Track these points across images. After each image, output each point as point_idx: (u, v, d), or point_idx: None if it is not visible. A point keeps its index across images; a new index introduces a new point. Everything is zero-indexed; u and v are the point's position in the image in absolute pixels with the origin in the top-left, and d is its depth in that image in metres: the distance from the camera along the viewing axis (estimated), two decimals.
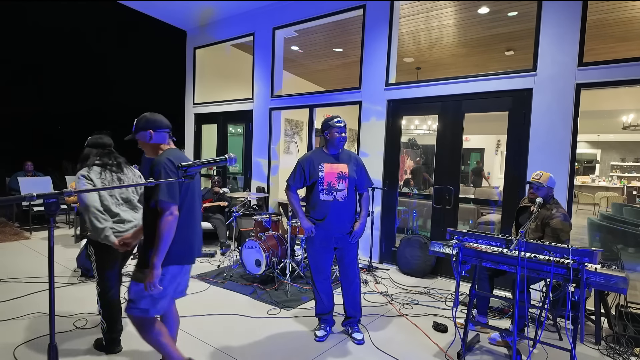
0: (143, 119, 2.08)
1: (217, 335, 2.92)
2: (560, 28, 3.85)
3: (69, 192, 1.22)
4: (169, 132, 2.14)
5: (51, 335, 1.21)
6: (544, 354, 2.76)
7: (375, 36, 5.11)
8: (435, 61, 7.28)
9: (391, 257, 5.06)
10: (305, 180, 2.89)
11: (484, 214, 6.60)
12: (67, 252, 5.06)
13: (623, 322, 3.02)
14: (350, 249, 2.91)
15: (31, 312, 3.17)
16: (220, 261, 4.86)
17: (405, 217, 6.24)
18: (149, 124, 2.06)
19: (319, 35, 6.49)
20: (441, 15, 5.42)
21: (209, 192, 5.91)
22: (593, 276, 2.21)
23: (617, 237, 4.79)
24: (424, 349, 2.83)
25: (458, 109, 4.59)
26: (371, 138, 5.20)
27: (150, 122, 2.07)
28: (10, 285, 3.77)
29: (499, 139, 11.55)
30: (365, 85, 5.23)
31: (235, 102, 6.84)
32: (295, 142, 8.83)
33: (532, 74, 4.01)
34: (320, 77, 9.09)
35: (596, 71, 3.69)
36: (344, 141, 2.88)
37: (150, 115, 2.10)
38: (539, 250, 2.43)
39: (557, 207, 2.97)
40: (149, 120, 2.07)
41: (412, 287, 4.21)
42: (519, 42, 6.07)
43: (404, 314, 3.43)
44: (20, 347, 2.61)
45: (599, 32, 5.38)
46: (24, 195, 1.12)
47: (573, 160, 3.83)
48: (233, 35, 6.77)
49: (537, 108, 3.99)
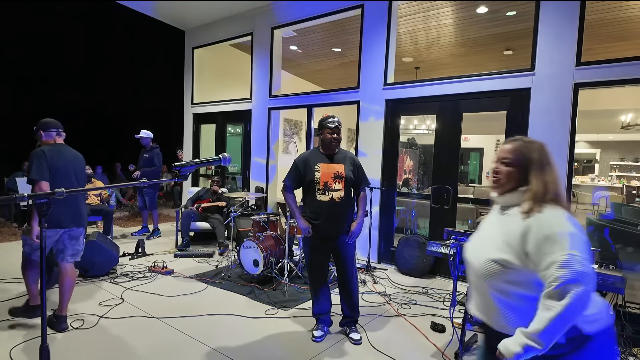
0: (38, 124, 2.96)
1: (215, 336, 2.91)
2: (558, 28, 3.84)
3: (60, 193, 1.21)
4: (57, 131, 3.00)
5: (43, 336, 1.20)
6: None
7: (373, 36, 5.10)
8: (433, 61, 7.28)
9: (389, 257, 5.06)
10: (302, 180, 2.88)
11: (482, 213, 6.59)
12: None
13: (621, 322, 3.01)
14: (348, 248, 2.90)
15: None
16: (218, 261, 4.85)
17: (404, 217, 6.24)
18: (40, 126, 2.96)
19: (318, 35, 6.48)
20: (439, 14, 5.41)
21: (208, 192, 5.90)
22: None
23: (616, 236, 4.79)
24: (421, 349, 2.82)
25: (456, 108, 4.59)
26: (370, 138, 5.19)
27: (41, 125, 2.96)
28: (7, 286, 3.76)
29: (498, 139, 11.54)
30: (364, 85, 5.22)
31: (234, 102, 6.83)
32: (294, 142, 8.82)
33: (530, 73, 4.01)
34: (319, 76, 9.08)
35: (594, 71, 3.69)
36: (336, 142, 2.85)
37: (43, 120, 2.98)
38: None
39: None
40: (40, 123, 2.97)
41: (410, 287, 4.20)
42: (518, 42, 6.07)
43: (402, 314, 3.43)
44: (16, 348, 2.60)
45: (596, 32, 5.38)
46: (15, 195, 1.11)
47: (571, 160, 3.83)
48: (231, 35, 6.77)
49: (535, 108, 3.98)
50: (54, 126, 2.98)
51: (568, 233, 1.14)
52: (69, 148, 3.09)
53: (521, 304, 1.22)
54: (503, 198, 1.35)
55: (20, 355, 2.53)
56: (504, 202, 1.35)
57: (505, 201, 1.34)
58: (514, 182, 1.30)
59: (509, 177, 1.31)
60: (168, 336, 2.89)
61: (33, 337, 2.74)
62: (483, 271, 1.29)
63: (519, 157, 1.30)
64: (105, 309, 3.31)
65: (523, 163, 1.29)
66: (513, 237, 1.23)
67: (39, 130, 2.95)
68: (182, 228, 5.41)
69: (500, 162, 1.34)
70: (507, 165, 1.31)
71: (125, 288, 3.82)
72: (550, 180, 1.25)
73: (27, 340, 2.70)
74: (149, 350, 2.67)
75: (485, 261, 1.28)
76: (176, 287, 3.94)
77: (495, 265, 1.24)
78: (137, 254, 4.96)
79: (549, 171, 1.27)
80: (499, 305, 1.26)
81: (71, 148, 3.12)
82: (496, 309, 1.28)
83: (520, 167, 1.29)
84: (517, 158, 1.30)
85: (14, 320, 3.00)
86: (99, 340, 2.79)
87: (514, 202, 1.30)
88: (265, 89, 6.27)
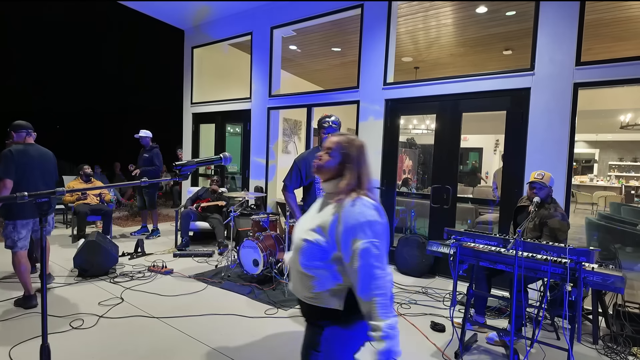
0: (10, 126, 3.32)
1: (214, 335, 2.91)
2: (558, 27, 3.84)
3: (61, 192, 1.21)
4: (27, 132, 3.36)
5: (44, 336, 1.20)
6: (541, 354, 2.76)
7: (373, 35, 5.10)
8: (433, 61, 7.28)
9: (389, 257, 5.04)
10: (302, 180, 2.88)
11: (482, 213, 6.59)
12: (64, 252, 5.04)
13: (620, 322, 3.02)
14: None
15: (27, 313, 3.15)
16: (218, 261, 4.85)
17: (404, 216, 6.23)
18: (11, 128, 3.34)
19: (317, 34, 6.48)
20: (439, 14, 5.41)
21: (207, 191, 5.90)
22: (590, 275, 2.20)
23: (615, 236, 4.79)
24: (421, 349, 2.82)
25: (456, 108, 4.59)
26: (369, 137, 5.19)
27: (12, 127, 3.34)
28: (7, 285, 3.75)
29: (497, 139, 11.55)
30: (364, 85, 5.22)
31: (233, 102, 6.83)
32: (293, 142, 8.81)
33: (529, 73, 4.01)
34: (318, 76, 9.08)
35: (594, 70, 3.69)
36: None
37: (14, 122, 3.34)
38: (536, 250, 2.43)
39: (556, 207, 2.97)
40: (12, 125, 3.34)
41: (410, 286, 4.20)
42: (517, 42, 6.07)
43: (402, 314, 3.42)
44: (16, 348, 2.60)
45: (595, 32, 5.38)
46: (15, 195, 1.11)
47: (571, 160, 3.83)
48: (231, 35, 6.76)
49: (534, 107, 3.98)
50: (24, 127, 3.36)
51: (372, 222, 1.30)
52: (37, 147, 3.43)
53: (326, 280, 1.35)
54: (325, 185, 1.47)
55: (20, 355, 2.52)
56: (326, 189, 1.47)
57: (326, 188, 1.47)
58: (332, 171, 1.43)
59: (329, 166, 1.44)
60: (168, 336, 2.88)
61: (32, 337, 2.74)
62: (298, 249, 1.41)
63: (341, 150, 1.44)
64: (104, 309, 3.30)
65: (343, 156, 1.43)
66: (326, 221, 1.35)
67: (11, 132, 3.35)
68: (182, 228, 5.40)
69: (325, 151, 1.46)
70: (329, 156, 1.44)
71: (125, 288, 3.82)
72: (363, 175, 1.41)
73: (26, 340, 2.70)
74: (149, 350, 2.67)
75: (301, 240, 1.40)
76: (176, 286, 3.93)
77: (307, 244, 1.37)
78: (136, 254, 4.95)
79: (364, 168, 1.44)
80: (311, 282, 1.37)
81: (40, 147, 3.47)
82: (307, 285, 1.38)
83: (339, 159, 1.43)
84: (339, 151, 1.44)
85: (13, 320, 3.00)
86: (99, 339, 2.78)
87: (331, 189, 1.43)
88: (265, 89, 6.26)
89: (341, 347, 1.38)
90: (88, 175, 6.04)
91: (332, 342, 1.36)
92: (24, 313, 3.14)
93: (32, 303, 3.26)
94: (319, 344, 1.36)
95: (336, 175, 1.43)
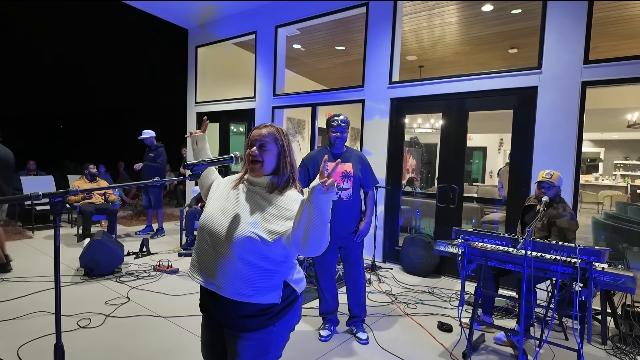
0: None
1: None
2: (565, 26, 3.82)
3: (74, 192, 1.21)
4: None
5: (57, 335, 1.20)
6: (550, 354, 2.74)
7: (378, 34, 5.08)
8: (438, 59, 7.25)
9: (394, 257, 5.05)
10: (310, 179, 2.87)
11: (487, 212, 6.57)
12: (70, 251, 5.06)
13: (629, 322, 3.00)
14: (355, 248, 2.89)
15: (34, 312, 3.16)
16: None
17: (409, 216, 6.22)
18: None
19: (322, 33, 6.46)
20: (444, 13, 5.39)
21: None
22: (601, 276, 2.18)
23: (622, 235, 4.77)
24: (429, 349, 2.81)
25: (462, 107, 4.57)
26: (374, 137, 5.18)
27: None
28: (13, 285, 3.77)
29: (501, 138, 11.50)
30: (369, 84, 5.20)
31: (238, 101, 6.83)
32: (297, 141, 8.80)
33: (537, 71, 3.98)
34: (323, 75, 9.06)
35: (602, 69, 3.67)
36: (340, 140, 2.84)
37: None
38: (545, 250, 2.41)
39: (564, 206, 2.95)
40: None
41: (416, 286, 4.19)
42: (523, 40, 6.04)
43: (409, 314, 3.42)
44: (24, 347, 2.60)
45: (601, 30, 5.34)
46: (30, 194, 1.10)
47: (579, 159, 3.80)
48: (235, 34, 6.75)
49: (542, 106, 3.96)
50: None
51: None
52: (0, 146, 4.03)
53: (264, 270, 1.33)
54: (259, 178, 1.42)
55: (28, 354, 2.53)
56: (255, 179, 1.42)
57: (257, 178, 1.42)
58: (270, 163, 1.41)
59: (269, 159, 1.40)
60: (175, 335, 2.88)
61: (40, 335, 2.74)
62: (232, 241, 1.33)
63: (275, 141, 1.42)
64: (111, 308, 3.31)
65: (277, 147, 1.41)
66: (261, 210, 1.33)
67: None
68: (187, 227, 5.41)
69: (260, 145, 1.41)
70: (266, 148, 1.40)
71: (131, 287, 3.82)
72: (292, 164, 1.43)
73: (34, 339, 2.70)
74: (157, 349, 2.67)
75: (239, 232, 1.31)
76: (181, 286, 3.94)
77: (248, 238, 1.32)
78: (141, 253, 4.96)
79: (292, 156, 1.45)
80: (243, 273, 1.31)
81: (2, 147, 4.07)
82: (239, 277, 1.32)
83: (275, 150, 1.41)
84: (274, 142, 1.41)
85: (20, 320, 3.00)
86: (107, 338, 2.79)
87: (263, 180, 1.40)
88: (269, 88, 6.26)
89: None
90: (93, 175, 6.05)
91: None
92: (31, 312, 3.15)
93: (7, 269, 4.06)
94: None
95: (273, 166, 1.41)
